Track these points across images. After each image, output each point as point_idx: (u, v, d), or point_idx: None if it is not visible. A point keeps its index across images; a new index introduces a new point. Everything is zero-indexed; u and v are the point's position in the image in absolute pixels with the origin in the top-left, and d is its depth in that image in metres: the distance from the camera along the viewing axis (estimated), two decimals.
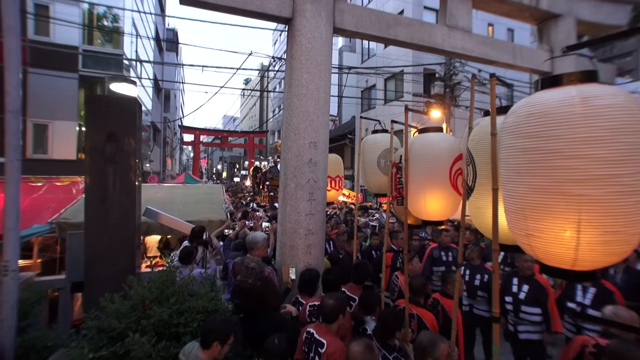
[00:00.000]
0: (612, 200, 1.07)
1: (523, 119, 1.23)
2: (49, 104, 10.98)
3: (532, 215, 1.22)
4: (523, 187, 1.24)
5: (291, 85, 3.59)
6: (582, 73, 1.20)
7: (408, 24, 4.23)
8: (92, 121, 3.17)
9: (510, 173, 1.32)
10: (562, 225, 1.13)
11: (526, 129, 1.21)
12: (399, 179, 3.27)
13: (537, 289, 3.18)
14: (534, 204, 1.20)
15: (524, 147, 1.22)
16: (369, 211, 10.76)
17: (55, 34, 11.30)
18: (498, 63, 4.78)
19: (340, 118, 23.20)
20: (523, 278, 3.29)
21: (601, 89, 1.13)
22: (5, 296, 2.13)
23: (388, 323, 2.32)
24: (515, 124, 1.27)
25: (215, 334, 1.99)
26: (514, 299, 3.28)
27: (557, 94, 1.17)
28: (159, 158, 21.94)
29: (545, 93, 1.22)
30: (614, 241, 1.09)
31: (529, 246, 1.27)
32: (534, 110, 1.20)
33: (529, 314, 3.17)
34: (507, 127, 1.34)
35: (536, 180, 1.18)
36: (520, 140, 1.24)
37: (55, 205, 5.14)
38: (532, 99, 1.25)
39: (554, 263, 1.23)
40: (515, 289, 3.30)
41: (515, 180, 1.28)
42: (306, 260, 3.54)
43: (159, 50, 22.32)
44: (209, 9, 3.49)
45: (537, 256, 1.28)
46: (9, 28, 2.13)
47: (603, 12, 5.13)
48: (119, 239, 3.07)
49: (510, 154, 1.31)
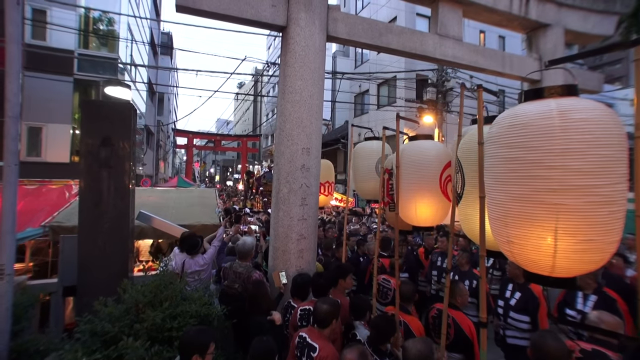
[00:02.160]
0: (588, 209, 1.12)
1: (506, 129, 1.29)
2: (43, 107, 10.93)
3: (513, 223, 1.27)
4: (505, 195, 1.29)
5: (285, 92, 3.64)
6: (563, 87, 1.26)
7: (400, 32, 4.32)
8: (87, 125, 3.18)
9: (493, 181, 1.37)
10: (540, 233, 1.18)
11: (508, 140, 1.27)
12: (391, 185, 3.33)
13: (528, 298, 3.20)
14: (515, 211, 1.25)
15: (506, 156, 1.28)
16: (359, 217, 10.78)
17: (51, 38, 11.32)
18: (488, 71, 4.90)
19: (334, 123, 23.32)
20: (517, 285, 3.32)
21: (579, 102, 1.19)
22: (0, 299, 2.14)
23: (383, 329, 2.34)
24: (499, 134, 1.32)
25: (192, 347, 1.89)
26: (505, 304, 3.34)
27: (538, 107, 1.22)
28: (151, 161, 21.78)
29: (527, 105, 1.27)
30: (590, 249, 1.14)
31: (511, 253, 1.32)
32: (515, 121, 1.25)
33: (517, 320, 3.21)
34: (491, 137, 1.39)
35: (517, 189, 1.23)
36: (503, 150, 1.30)
37: (48, 208, 5.09)
38: (514, 111, 1.30)
39: (533, 269, 1.28)
40: (508, 294, 3.36)
41: (498, 188, 1.33)
42: (298, 265, 3.56)
43: (154, 54, 22.26)
44: (205, 17, 3.53)
45: (518, 262, 1.33)
46: (11, 35, 2.16)
47: (590, 22, 5.29)
48: (113, 243, 3.07)
49: (494, 163, 1.36)
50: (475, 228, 1.93)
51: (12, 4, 2.17)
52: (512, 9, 4.76)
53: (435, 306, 2.99)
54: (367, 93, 17.46)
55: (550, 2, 5.03)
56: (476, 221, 1.89)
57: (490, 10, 4.71)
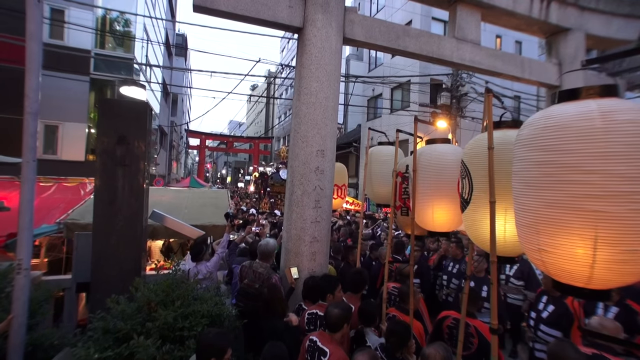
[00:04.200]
0: (631, 217, 1.04)
1: (539, 131, 1.22)
2: (60, 106, 11.16)
3: (545, 230, 1.20)
4: (536, 200, 1.22)
5: (300, 94, 3.62)
6: (602, 87, 1.19)
7: (417, 36, 4.27)
8: (104, 123, 3.21)
9: (523, 186, 1.31)
10: (577, 241, 1.11)
11: (542, 142, 1.20)
12: (404, 189, 3.26)
13: (562, 312, 3.07)
14: (548, 218, 1.18)
15: (539, 160, 1.21)
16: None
17: (69, 38, 11.58)
18: (506, 76, 4.80)
19: (346, 126, 23.29)
20: (552, 298, 3.20)
21: (622, 103, 1.12)
22: (18, 293, 2.17)
23: (399, 335, 2.29)
24: (531, 136, 1.26)
25: (211, 350, 1.89)
26: (536, 316, 3.21)
27: (576, 108, 1.15)
28: (164, 161, 22.11)
29: (563, 106, 1.20)
30: (632, 260, 1.07)
31: (542, 261, 1.24)
32: (550, 123, 1.18)
33: (547, 334, 3.07)
34: (521, 140, 1.33)
35: (551, 195, 1.17)
36: (535, 153, 1.23)
37: (63, 205, 5.17)
38: (548, 112, 1.23)
39: (566, 280, 1.21)
40: (540, 307, 3.23)
41: (529, 193, 1.26)
42: (310, 267, 3.53)
43: (168, 55, 22.66)
44: (222, 17, 3.54)
45: (549, 272, 1.25)
46: (31, 33, 2.18)
47: (614, 26, 5.15)
48: (126, 241, 3.09)
49: (524, 167, 1.30)
50: (484, 234, 1.90)
51: (32, 2, 2.19)
52: (532, 13, 4.67)
53: (450, 315, 2.89)
54: (381, 97, 17.38)
55: (572, 6, 4.91)
56: (485, 227, 1.86)
57: (509, 13, 4.63)
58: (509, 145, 1.78)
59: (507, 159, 1.79)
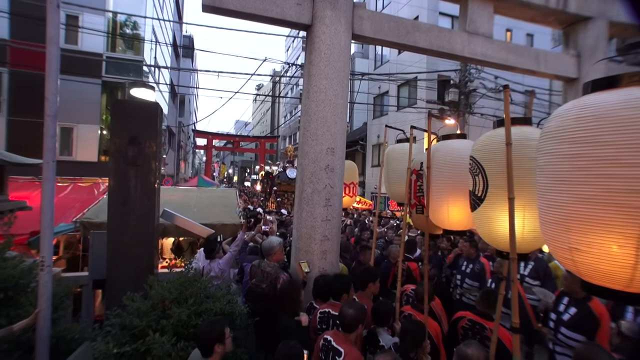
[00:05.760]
0: None
1: (570, 123, 1.15)
2: (74, 108, 11.42)
3: (577, 228, 1.13)
4: (567, 196, 1.16)
5: (309, 92, 3.59)
6: None
7: (427, 30, 4.20)
8: (117, 124, 3.24)
9: (550, 181, 1.24)
10: (617, 240, 1.03)
11: (573, 134, 1.13)
12: (419, 187, 3.20)
13: (585, 316, 2.86)
14: (581, 215, 1.11)
15: (570, 153, 1.14)
16: None
17: (82, 42, 11.92)
18: (520, 69, 4.68)
19: (351, 124, 23.17)
20: (574, 300, 3.00)
21: None
22: (42, 289, 2.26)
23: (414, 334, 2.25)
24: (560, 128, 1.19)
25: (210, 338, 2.00)
26: (556, 318, 3.04)
27: (616, 96, 1.07)
28: (173, 161, 22.32)
29: (600, 95, 1.12)
30: None
31: (572, 261, 1.17)
32: (585, 113, 1.11)
33: (568, 337, 2.89)
34: (549, 132, 1.26)
35: (584, 190, 1.10)
36: (565, 146, 1.16)
37: (79, 205, 5.30)
38: (582, 102, 1.16)
39: (602, 282, 1.13)
40: (561, 308, 3.05)
41: (557, 188, 1.20)
42: (321, 266, 3.50)
43: (176, 56, 22.84)
44: (231, 16, 3.53)
45: (580, 272, 1.18)
46: (51, 37, 2.24)
47: None
48: (139, 240, 3.13)
49: (551, 161, 1.23)
50: (499, 231, 1.85)
51: (52, 7, 2.26)
52: (548, 3, 4.52)
53: (465, 316, 2.82)
54: (387, 94, 17.24)
55: None
56: (502, 224, 1.81)
57: (524, 4, 4.50)
58: (525, 142, 1.78)
59: (524, 154, 1.77)
